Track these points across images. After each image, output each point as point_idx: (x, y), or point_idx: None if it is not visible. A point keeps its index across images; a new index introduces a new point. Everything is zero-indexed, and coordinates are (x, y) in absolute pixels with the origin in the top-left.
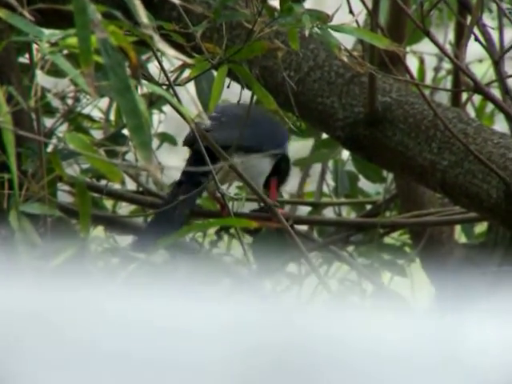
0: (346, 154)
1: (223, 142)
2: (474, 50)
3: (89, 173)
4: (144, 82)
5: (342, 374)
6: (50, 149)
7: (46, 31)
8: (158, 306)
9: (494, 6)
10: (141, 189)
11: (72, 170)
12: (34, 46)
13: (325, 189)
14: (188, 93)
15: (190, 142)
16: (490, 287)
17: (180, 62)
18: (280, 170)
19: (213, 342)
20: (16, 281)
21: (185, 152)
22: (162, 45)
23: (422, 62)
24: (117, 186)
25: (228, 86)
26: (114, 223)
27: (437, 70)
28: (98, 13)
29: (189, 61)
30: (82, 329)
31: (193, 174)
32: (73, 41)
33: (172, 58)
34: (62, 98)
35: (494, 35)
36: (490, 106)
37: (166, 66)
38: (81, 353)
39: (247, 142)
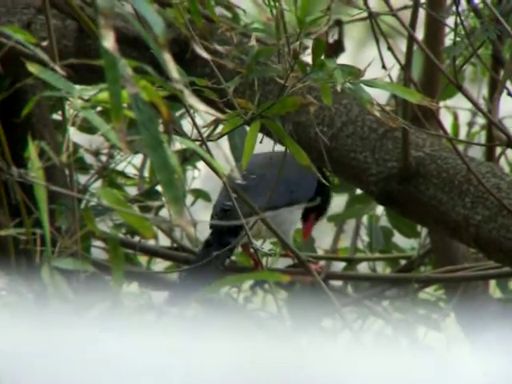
0: (380, 209)
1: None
2: (507, 104)
3: (122, 228)
4: (176, 137)
5: None
6: (83, 205)
7: (78, 87)
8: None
9: None
10: (175, 245)
11: (106, 225)
12: (67, 102)
13: (359, 244)
14: (220, 148)
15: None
16: None
17: (212, 118)
18: (319, 205)
19: None
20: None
21: None
22: (192, 100)
23: (455, 117)
24: (151, 242)
25: (261, 142)
26: (149, 279)
27: (470, 124)
28: (128, 68)
29: (221, 116)
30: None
31: (222, 234)
32: (104, 96)
33: (203, 113)
34: (96, 154)
35: None
36: None
37: (199, 122)
38: None
39: (280, 202)
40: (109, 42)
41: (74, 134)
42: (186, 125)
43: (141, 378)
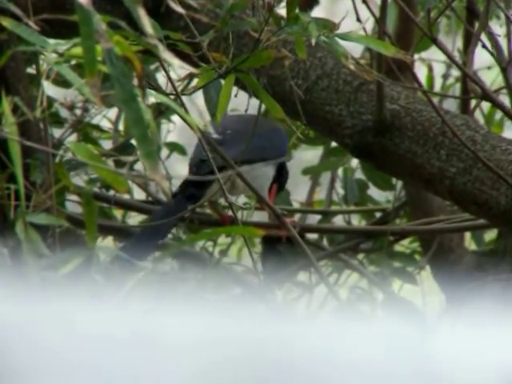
0: (355, 162)
1: (232, 159)
2: (482, 57)
3: (96, 182)
4: (151, 91)
5: None
6: (57, 159)
7: (53, 41)
8: (159, 319)
9: (501, 14)
10: (150, 198)
11: (81, 180)
12: (41, 56)
13: (334, 197)
14: (194, 102)
15: (195, 164)
16: (501, 293)
17: (187, 72)
18: (280, 176)
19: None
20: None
21: None
22: (167, 55)
23: (430, 69)
24: (126, 196)
25: (235, 95)
26: (124, 233)
27: (445, 77)
28: (102, 23)
29: (195, 70)
30: (80, 340)
31: (187, 186)
32: (78, 51)
33: (178, 67)
34: (71, 108)
35: (502, 42)
36: (498, 113)
37: (174, 76)
38: (77, 365)
39: (253, 155)
40: None
41: (49, 88)
42: (161, 78)
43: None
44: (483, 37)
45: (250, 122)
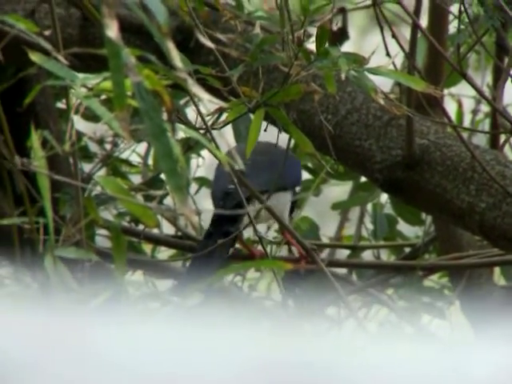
0: (384, 196)
1: (258, 188)
2: (511, 92)
3: (125, 217)
4: (180, 126)
5: None
6: (86, 194)
7: (82, 75)
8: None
9: None
10: (179, 233)
11: (110, 214)
12: (71, 91)
13: (363, 232)
14: (224, 137)
15: (220, 198)
16: None
17: (216, 107)
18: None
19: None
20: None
21: None
22: (196, 89)
23: (459, 104)
24: (155, 231)
25: (265, 130)
26: (153, 267)
27: (475, 112)
28: (132, 56)
29: (224, 104)
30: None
31: (222, 222)
32: (108, 85)
33: (207, 101)
34: (100, 142)
35: None
36: None
37: (203, 110)
38: None
39: (270, 185)
40: (112, 30)
41: (78, 122)
42: (191, 113)
43: (144, 370)
44: None
45: (265, 151)
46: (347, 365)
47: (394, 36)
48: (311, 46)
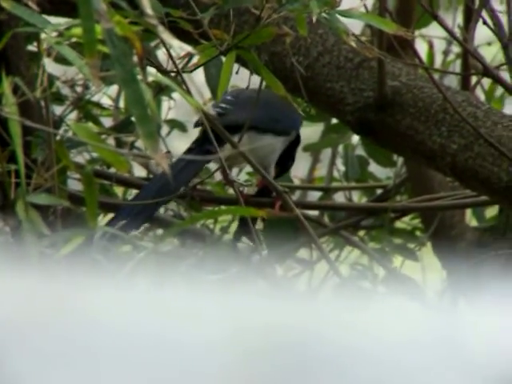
0: (355, 138)
1: (235, 122)
2: (482, 33)
3: (98, 162)
4: (151, 70)
5: (337, 372)
6: (58, 137)
7: (53, 20)
8: (163, 297)
9: None
10: (151, 175)
11: (83, 157)
12: (43, 36)
13: (335, 174)
14: (192, 82)
15: (200, 123)
16: (502, 270)
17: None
18: (287, 157)
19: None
20: (21, 272)
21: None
22: (166, 35)
23: (430, 45)
24: (127, 174)
25: (237, 72)
26: None
27: (446, 53)
28: (102, 2)
29: (193, 51)
30: (83, 323)
31: (203, 142)
32: (78, 31)
33: (178, 48)
34: (72, 85)
35: (503, 18)
36: (499, 90)
37: (175, 53)
38: (81, 348)
39: (261, 123)
40: None
41: (49, 65)
42: (161, 55)
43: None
44: (484, 13)
45: (269, 96)
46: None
47: None
48: None
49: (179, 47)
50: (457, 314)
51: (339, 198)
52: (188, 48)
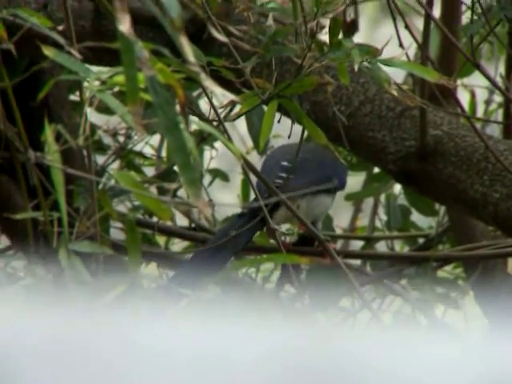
0: (398, 187)
1: (295, 190)
2: None
3: (140, 210)
4: (193, 118)
5: None
6: (101, 186)
7: (95, 68)
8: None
9: None
10: (193, 225)
11: (124, 207)
12: (84, 84)
13: (377, 223)
14: (235, 131)
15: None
16: None
17: (230, 98)
18: None
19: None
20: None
21: (237, 188)
22: (209, 82)
23: (472, 95)
24: (169, 223)
25: (278, 121)
26: (167, 260)
27: (488, 102)
28: (145, 50)
29: (235, 98)
30: (127, 366)
31: (256, 210)
32: (120, 79)
33: (220, 95)
34: (114, 135)
35: None
36: None
37: (217, 102)
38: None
39: (319, 185)
40: (125, 25)
41: (91, 115)
42: (203, 105)
43: (161, 365)
44: None
45: (315, 151)
46: (362, 351)
47: (406, 27)
48: (324, 37)
49: (222, 95)
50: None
51: (381, 247)
52: (230, 96)
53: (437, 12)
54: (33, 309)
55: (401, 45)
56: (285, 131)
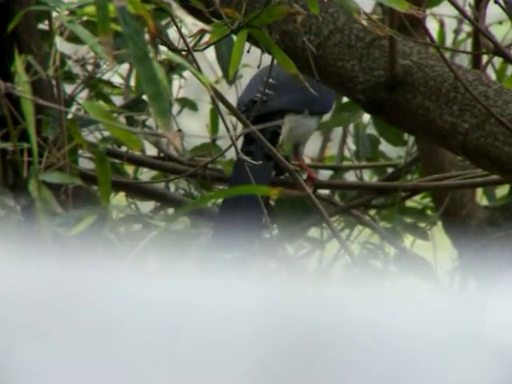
0: (366, 117)
1: (278, 108)
2: (493, 11)
3: (110, 140)
4: (163, 48)
5: (354, 351)
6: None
7: None
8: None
9: None
10: (162, 154)
11: (94, 136)
12: (54, 14)
13: (346, 153)
14: (204, 60)
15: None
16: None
17: (199, 28)
18: None
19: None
20: (34, 251)
21: (205, 117)
22: (179, 12)
23: (441, 24)
24: (138, 153)
25: (248, 51)
26: (136, 189)
27: (457, 32)
28: None
29: (206, 27)
30: (97, 308)
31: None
32: (91, 9)
33: (190, 24)
34: (83, 64)
35: None
36: (510, 69)
37: (186, 31)
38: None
39: (299, 105)
40: None
41: (61, 44)
42: (173, 33)
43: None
44: None
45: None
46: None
47: None
48: None
49: (192, 24)
50: (468, 292)
51: (350, 177)
52: (200, 25)
53: None
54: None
55: None
56: (254, 61)
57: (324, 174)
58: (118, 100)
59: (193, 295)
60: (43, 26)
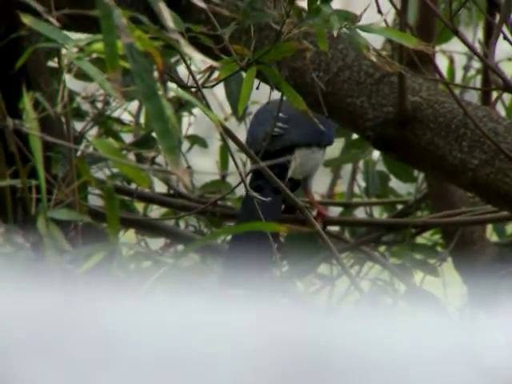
0: (376, 154)
1: (292, 142)
2: (503, 48)
3: (118, 177)
4: (172, 86)
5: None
6: (79, 153)
7: (74, 35)
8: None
9: None
10: (172, 191)
11: (103, 173)
12: (63, 51)
13: (356, 189)
14: (213, 97)
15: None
16: None
17: (208, 65)
18: None
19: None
20: (41, 286)
21: (215, 154)
22: (188, 49)
23: (451, 61)
24: (147, 190)
25: (257, 88)
26: (146, 226)
27: (466, 69)
28: (123, 18)
29: (215, 64)
30: (103, 338)
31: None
32: (99, 46)
33: (199, 61)
34: (92, 101)
35: None
36: None
37: (195, 68)
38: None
39: (310, 139)
40: None
41: (70, 81)
42: (182, 70)
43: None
44: (504, 28)
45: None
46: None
47: None
48: (302, 3)
49: (201, 60)
50: (477, 327)
51: (360, 213)
52: (209, 62)
53: None
54: (12, 282)
55: (379, 11)
56: (263, 98)
57: (334, 211)
58: (128, 137)
59: (198, 329)
60: (52, 63)
